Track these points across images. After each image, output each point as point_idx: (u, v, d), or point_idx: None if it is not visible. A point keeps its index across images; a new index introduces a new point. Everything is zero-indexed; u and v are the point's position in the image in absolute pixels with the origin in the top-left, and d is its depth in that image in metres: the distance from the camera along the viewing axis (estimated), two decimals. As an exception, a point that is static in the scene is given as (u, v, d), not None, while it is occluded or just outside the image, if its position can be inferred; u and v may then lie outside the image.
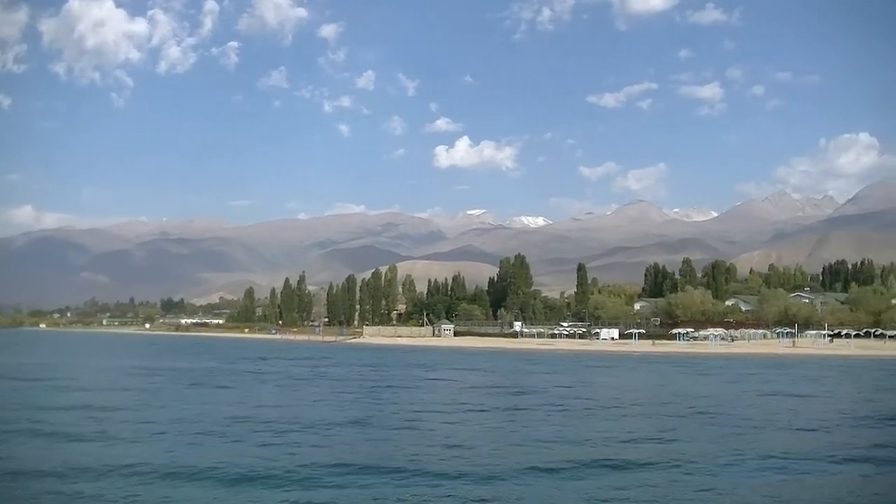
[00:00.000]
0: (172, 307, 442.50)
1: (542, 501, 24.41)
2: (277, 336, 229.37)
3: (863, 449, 33.62)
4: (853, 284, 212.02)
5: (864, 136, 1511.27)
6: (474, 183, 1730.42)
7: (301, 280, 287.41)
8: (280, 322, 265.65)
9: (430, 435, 38.16)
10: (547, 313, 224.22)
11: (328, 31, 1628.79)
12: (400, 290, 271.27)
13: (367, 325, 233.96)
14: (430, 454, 31.88)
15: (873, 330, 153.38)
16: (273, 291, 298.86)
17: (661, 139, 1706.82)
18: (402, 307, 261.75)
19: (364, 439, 36.61)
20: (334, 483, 26.46)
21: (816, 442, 36.03)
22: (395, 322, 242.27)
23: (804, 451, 33.07)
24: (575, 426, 41.44)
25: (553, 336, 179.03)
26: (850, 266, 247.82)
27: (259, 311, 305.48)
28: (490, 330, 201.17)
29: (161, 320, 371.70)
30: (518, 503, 24.34)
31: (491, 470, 28.35)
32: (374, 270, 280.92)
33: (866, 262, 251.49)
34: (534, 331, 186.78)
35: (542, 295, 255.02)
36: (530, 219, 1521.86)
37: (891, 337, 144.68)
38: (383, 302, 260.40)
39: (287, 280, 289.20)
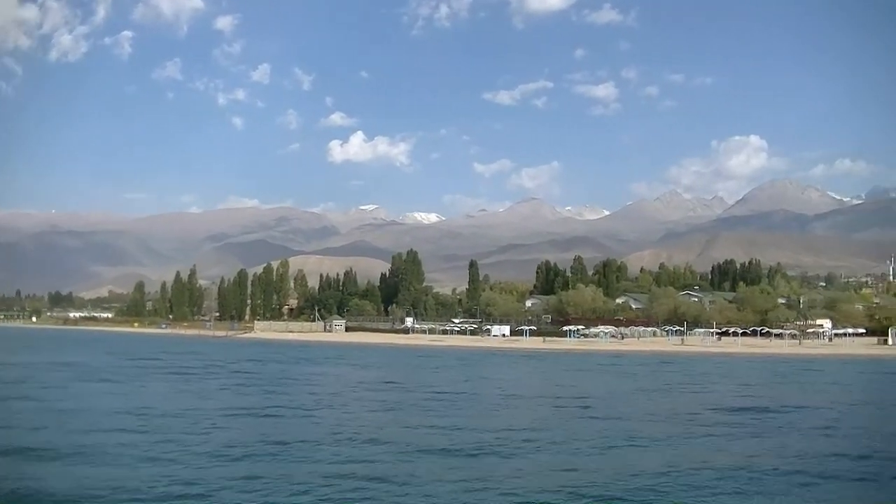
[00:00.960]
0: (60, 301, 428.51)
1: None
2: (167, 330, 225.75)
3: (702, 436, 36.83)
4: (741, 284, 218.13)
5: (754, 139, 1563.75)
6: (368, 178, 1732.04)
7: (192, 274, 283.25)
8: (171, 317, 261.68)
9: (300, 425, 39.81)
10: (439, 309, 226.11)
11: (224, 22, 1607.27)
12: (292, 284, 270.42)
13: (258, 320, 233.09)
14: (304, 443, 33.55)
15: (760, 328, 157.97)
16: (164, 285, 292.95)
17: (556, 137, 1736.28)
18: (293, 302, 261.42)
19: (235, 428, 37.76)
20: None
21: (671, 428, 39.46)
22: (286, 317, 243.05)
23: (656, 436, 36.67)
24: (449, 417, 43.33)
25: (444, 332, 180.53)
26: (738, 266, 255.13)
27: (149, 306, 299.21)
28: (382, 326, 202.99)
29: (48, 314, 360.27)
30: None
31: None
32: (265, 265, 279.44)
33: (754, 262, 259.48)
34: (425, 327, 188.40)
35: (435, 291, 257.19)
36: (423, 215, 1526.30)
37: (776, 335, 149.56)
38: (275, 297, 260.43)
39: (178, 274, 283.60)
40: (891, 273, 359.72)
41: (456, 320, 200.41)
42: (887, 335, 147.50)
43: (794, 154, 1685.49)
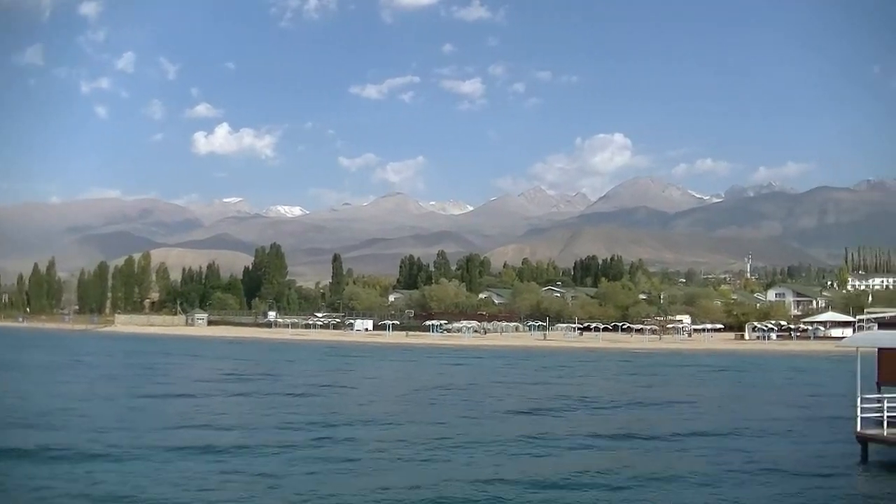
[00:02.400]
0: None
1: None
2: (24, 324, 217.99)
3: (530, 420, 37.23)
4: (603, 279, 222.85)
5: (618, 137, 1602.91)
6: (233, 170, 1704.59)
7: (51, 266, 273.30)
8: (28, 310, 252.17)
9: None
10: (302, 303, 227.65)
11: (88, 8, 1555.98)
12: (153, 277, 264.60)
13: (119, 313, 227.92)
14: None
15: (621, 324, 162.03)
16: (20, 278, 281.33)
17: (422, 132, 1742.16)
18: (155, 296, 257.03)
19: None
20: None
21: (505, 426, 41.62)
22: (147, 311, 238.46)
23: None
24: (287, 410, 46.24)
25: (307, 326, 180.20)
26: (600, 262, 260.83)
27: (5, 299, 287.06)
28: (244, 320, 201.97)
29: None
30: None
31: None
32: (127, 257, 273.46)
33: (616, 258, 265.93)
34: (288, 321, 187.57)
35: (298, 285, 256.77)
36: (287, 208, 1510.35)
37: (637, 330, 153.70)
38: (136, 290, 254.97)
39: (36, 266, 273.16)
40: (748, 269, 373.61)
41: (319, 314, 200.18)
42: (744, 330, 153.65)
43: (657, 153, 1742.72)
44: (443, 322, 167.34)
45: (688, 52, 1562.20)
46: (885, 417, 30.63)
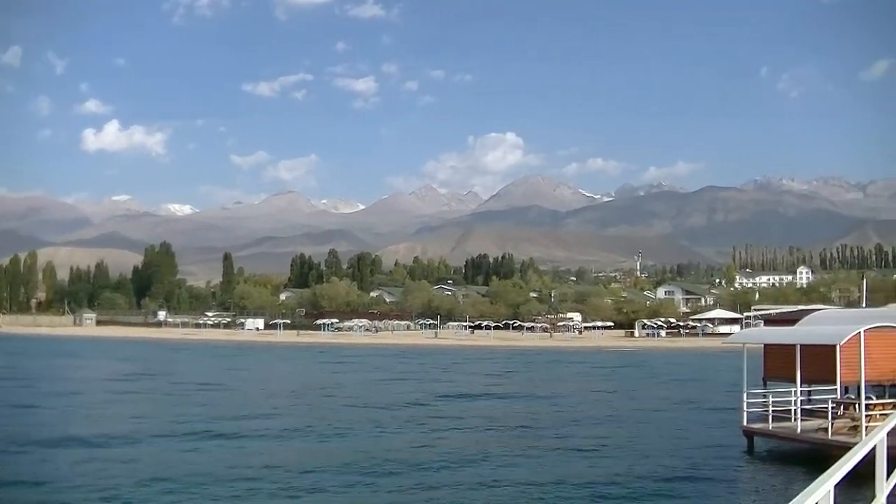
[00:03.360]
0: None
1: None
2: None
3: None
4: (494, 278, 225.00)
5: (510, 136, 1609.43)
6: (122, 168, 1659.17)
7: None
8: None
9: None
10: (192, 303, 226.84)
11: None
12: (40, 277, 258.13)
13: (4, 313, 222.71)
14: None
15: (512, 322, 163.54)
16: None
17: (314, 130, 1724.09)
18: (42, 295, 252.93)
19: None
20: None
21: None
22: (34, 311, 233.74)
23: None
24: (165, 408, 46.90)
25: (198, 326, 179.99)
26: (491, 260, 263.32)
27: None
28: (134, 319, 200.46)
29: None
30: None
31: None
32: (12, 256, 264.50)
33: (507, 256, 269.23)
34: (179, 320, 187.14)
35: (189, 284, 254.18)
36: (178, 206, 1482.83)
37: (528, 328, 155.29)
38: (22, 290, 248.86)
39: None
40: (638, 268, 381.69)
41: (210, 314, 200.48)
42: (634, 328, 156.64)
43: (548, 152, 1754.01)
44: (334, 321, 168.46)
45: (580, 51, 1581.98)
46: (770, 412, 31.39)
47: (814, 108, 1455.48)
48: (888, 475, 6.93)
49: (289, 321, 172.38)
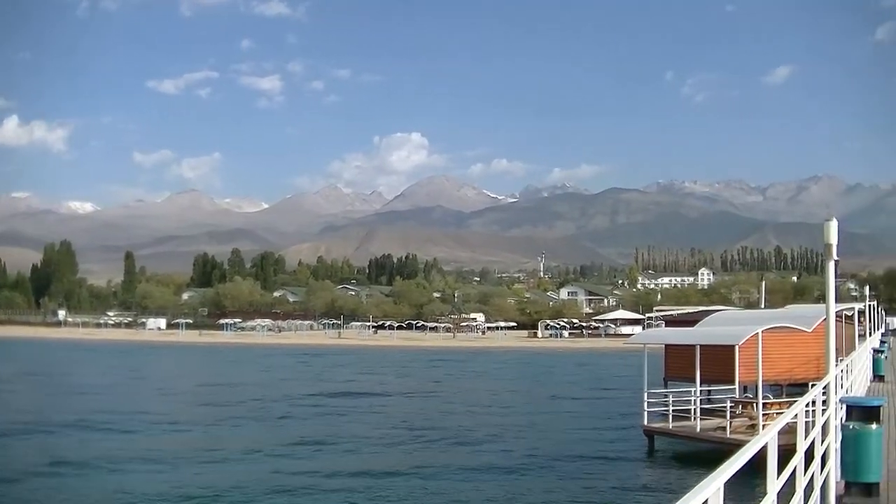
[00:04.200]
0: None
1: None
2: None
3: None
4: (398, 278, 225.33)
5: (416, 136, 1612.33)
6: (21, 164, 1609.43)
7: None
8: None
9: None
10: (93, 302, 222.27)
11: None
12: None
13: None
14: None
15: (415, 322, 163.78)
16: None
17: (219, 128, 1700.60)
18: None
19: None
20: None
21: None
22: None
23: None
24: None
25: (99, 326, 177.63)
26: (395, 260, 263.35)
27: None
28: (32, 319, 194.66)
29: None
30: None
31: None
32: None
33: (410, 256, 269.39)
34: (79, 320, 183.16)
35: (90, 283, 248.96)
36: (79, 204, 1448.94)
37: (431, 329, 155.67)
38: None
39: None
40: (542, 268, 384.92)
41: (111, 313, 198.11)
42: (537, 328, 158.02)
43: (454, 152, 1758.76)
44: (237, 321, 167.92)
45: (486, 52, 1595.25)
46: (670, 411, 31.81)
47: (717, 112, 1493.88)
48: (779, 472, 6.97)
49: (191, 321, 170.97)
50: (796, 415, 8.69)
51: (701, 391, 32.79)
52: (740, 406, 31.42)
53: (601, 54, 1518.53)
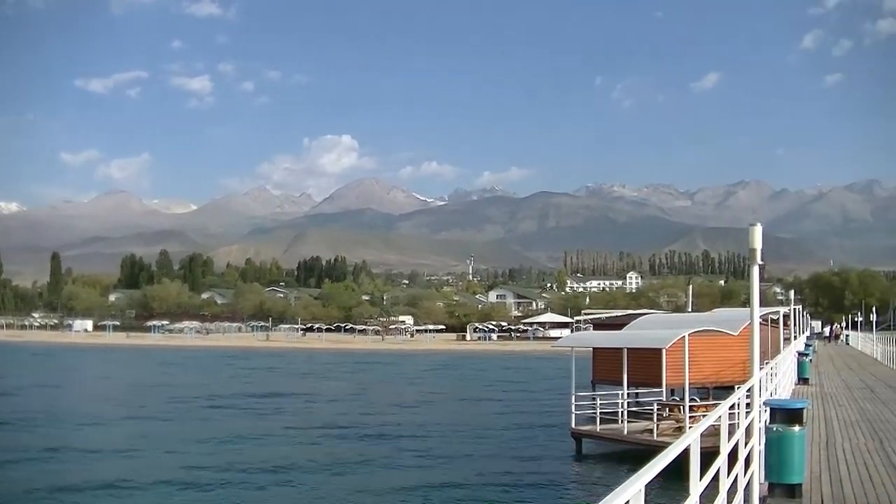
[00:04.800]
0: None
1: None
2: None
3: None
4: (326, 280, 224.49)
5: (346, 138, 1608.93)
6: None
7: None
8: None
9: None
10: (18, 303, 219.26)
11: None
12: None
13: None
14: None
15: (344, 325, 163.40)
16: None
17: (148, 129, 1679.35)
18: None
19: None
20: None
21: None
22: None
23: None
24: None
25: (23, 327, 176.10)
26: (324, 262, 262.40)
27: None
28: None
29: None
30: None
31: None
32: None
33: (339, 259, 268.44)
34: (2, 321, 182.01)
35: (14, 284, 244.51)
36: (4, 204, 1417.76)
37: (360, 331, 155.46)
38: None
39: None
40: (470, 272, 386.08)
41: (36, 314, 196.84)
42: (466, 331, 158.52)
43: (383, 155, 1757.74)
44: (165, 322, 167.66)
45: (418, 56, 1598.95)
46: (597, 413, 32.03)
47: (646, 117, 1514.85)
48: (703, 474, 7.04)
49: (118, 323, 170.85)
50: (720, 417, 8.78)
51: (628, 394, 33.08)
52: (667, 409, 31.78)
53: (531, 59, 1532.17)
